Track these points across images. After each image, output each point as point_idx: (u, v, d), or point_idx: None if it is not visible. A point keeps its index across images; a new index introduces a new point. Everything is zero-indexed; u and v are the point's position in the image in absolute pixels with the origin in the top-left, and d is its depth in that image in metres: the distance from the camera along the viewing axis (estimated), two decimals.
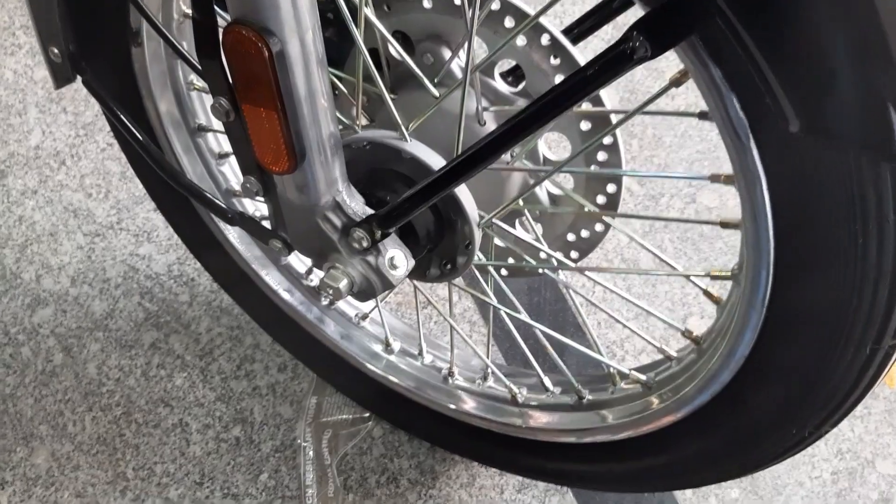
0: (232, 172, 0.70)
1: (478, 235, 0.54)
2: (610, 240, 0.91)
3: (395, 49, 0.51)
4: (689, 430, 0.57)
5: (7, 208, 0.96)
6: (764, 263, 0.43)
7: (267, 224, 0.55)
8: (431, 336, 0.78)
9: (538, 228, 0.61)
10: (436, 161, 0.50)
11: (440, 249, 0.55)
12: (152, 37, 0.58)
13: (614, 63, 0.35)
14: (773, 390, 0.49)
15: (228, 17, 0.40)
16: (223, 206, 0.57)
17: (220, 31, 0.42)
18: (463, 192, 0.52)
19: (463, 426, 0.74)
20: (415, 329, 0.75)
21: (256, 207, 0.72)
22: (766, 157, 0.38)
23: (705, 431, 0.56)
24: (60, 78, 0.59)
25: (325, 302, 0.75)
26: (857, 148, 0.36)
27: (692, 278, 0.55)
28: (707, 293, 0.54)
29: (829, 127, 0.35)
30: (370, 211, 0.49)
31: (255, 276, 0.76)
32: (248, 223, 0.56)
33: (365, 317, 0.78)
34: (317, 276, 0.75)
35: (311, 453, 0.83)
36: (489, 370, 0.72)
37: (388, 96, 0.50)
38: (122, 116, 0.57)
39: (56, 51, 0.57)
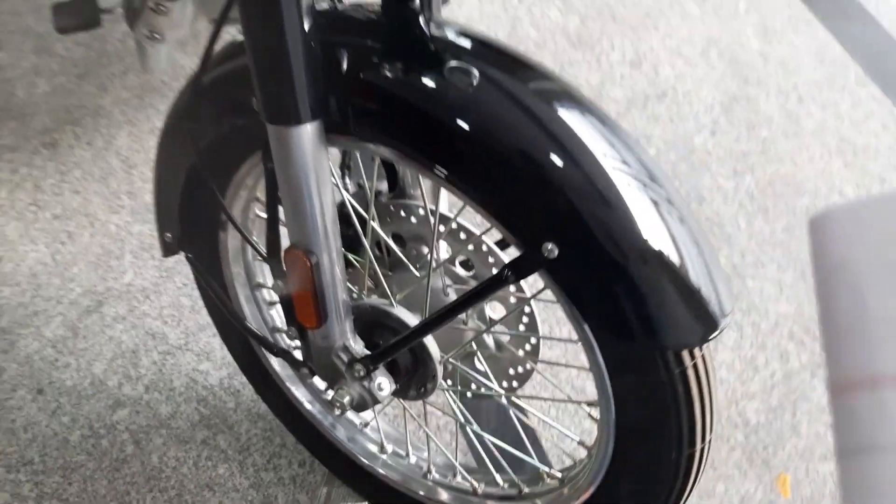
0: (277, 316, 0.96)
1: (440, 369, 0.78)
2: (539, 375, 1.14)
3: (392, 246, 0.77)
4: None
5: (101, 329, 1.22)
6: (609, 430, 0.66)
7: (299, 356, 0.79)
8: (417, 441, 1.00)
9: (489, 365, 0.85)
10: (413, 320, 0.75)
11: (416, 378, 0.79)
12: (231, 230, 0.86)
13: (495, 283, 0.60)
14: (630, 481, 0.71)
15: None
16: (271, 342, 0.82)
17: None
18: (430, 340, 0.76)
19: None
20: (404, 436, 0.98)
21: (292, 344, 0.97)
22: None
23: None
24: (168, 252, 0.86)
25: (336, 412, 0.98)
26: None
27: (584, 405, 0.78)
28: (591, 416, 0.77)
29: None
30: (367, 352, 0.73)
31: (286, 391, 1.00)
32: (286, 355, 0.81)
33: (366, 425, 1.00)
34: (330, 393, 0.99)
35: None
36: (456, 469, 0.93)
37: (383, 274, 0.76)
38: (208, 278, 0.84)
39: (169, 235, 0.85)
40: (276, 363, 0.98)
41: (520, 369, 0.83)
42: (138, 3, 0.99)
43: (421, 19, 0.60)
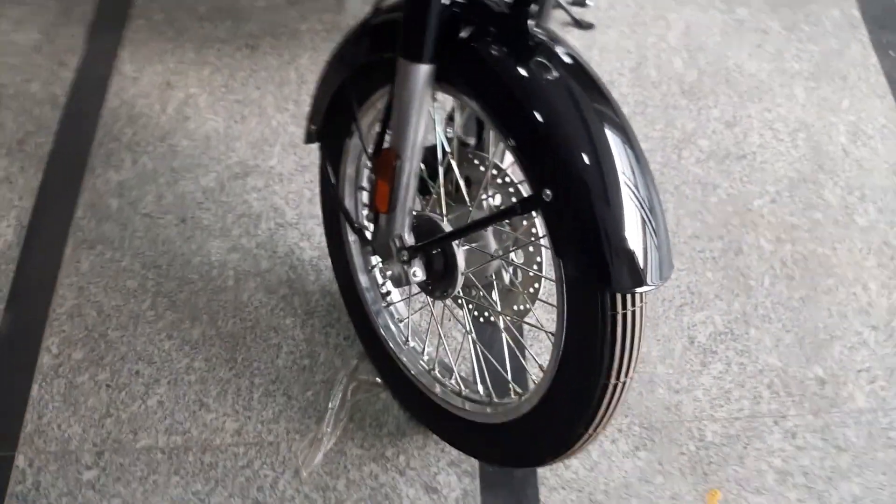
0: (364, 215, 1.24)
1: (460, 279, 1.03)
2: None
3: (460, 182, 1.03)
4: (526, 425, 1.01)
5: (241, 192, 1.56)
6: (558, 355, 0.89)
7: (369, 237, 1.07)
8: (431, 343, 1.26)
9: (501, 297, 1.08)
10: (447, 229, 1.00)
11: (442, 280, 1.04)
12: (356, 136, 1.15)
13: (508, 211, 0.85)
14: (565, 398, 0.93)
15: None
16: (354, 219, 1.11)
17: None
18: (459, 255, 1.01)
19: (428, 401, 1.20)
20: (425, 335, 1.24)
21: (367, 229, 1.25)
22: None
23: (536, 426, 1.00)
24: (309, 139, 1.17)
25: (381, 285, 1.24)
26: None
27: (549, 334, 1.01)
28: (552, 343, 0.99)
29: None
30: (412, 243, 0.99)
31: (354, 276, 1.28)
32: (361, 233, 1.08)
33: (401, 321, 1.27)
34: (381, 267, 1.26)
35: (340, 390, 1.31)
36: (454, 372, 1.18)
37: (447, 203, 1.02)
38: (328, 166, 1.13)
39: (314, 127, 1.15)
40: (354, 253, 1.27)
41: (521, 307, 1.07)
42: None
43: (530, 21, 0.85)
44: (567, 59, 0.83)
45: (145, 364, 1.35)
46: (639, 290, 0.78)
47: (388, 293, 1.26)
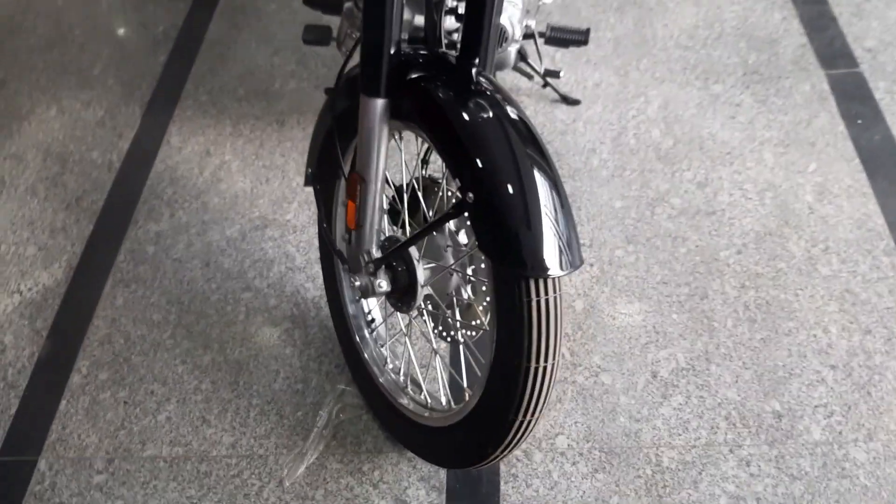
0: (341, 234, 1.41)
1: (420, 292, 1.17)
2: None
3: (426, 212, 1.19)
4: (471, 422, 1.11)
5: (259, 241, 1.76)
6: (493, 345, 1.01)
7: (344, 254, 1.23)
8: (405, 363, 1.38)
9: (461, 313, 1.21)
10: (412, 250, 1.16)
11: (405, 293, 1.18)
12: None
13: (445, 217, 1.00)
14: (500, 384, 1.03)
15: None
16: (336, 246, 1.28)
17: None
18: (420, 271, 1.16)
19: (400, 415, 1.31)
20: (401, 360, 1.36)
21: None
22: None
23: (478, 421, 1.10)
24: (307, 183, 1.36)
25: (368, 318, 1.38)
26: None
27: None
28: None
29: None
30: (378, 256, 1.15)
31: (344, 306, 1.43)
32: (340, 255, 1.25)
33: (383, 345, 1.40)
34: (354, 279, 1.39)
35: (327, 411, 1.44)
36: (422, 387, 1.30)
37: (412, 225, 1.18)
38: (321, 206, 1.32)
39: (310, 170, 1.35)
40: (345, 286, 1.43)
41: (476, 323, 1.20)
42: (343, 34, 1.57)
43: (474, 70, 1.03)
44: (501, 102, 1.00)
45: (160, 384, 1.51)
46: (550, 274, 0.91)
47: (373, 320, 1.40)
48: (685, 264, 1.55)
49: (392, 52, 1.00)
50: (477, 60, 1.01)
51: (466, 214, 0.95)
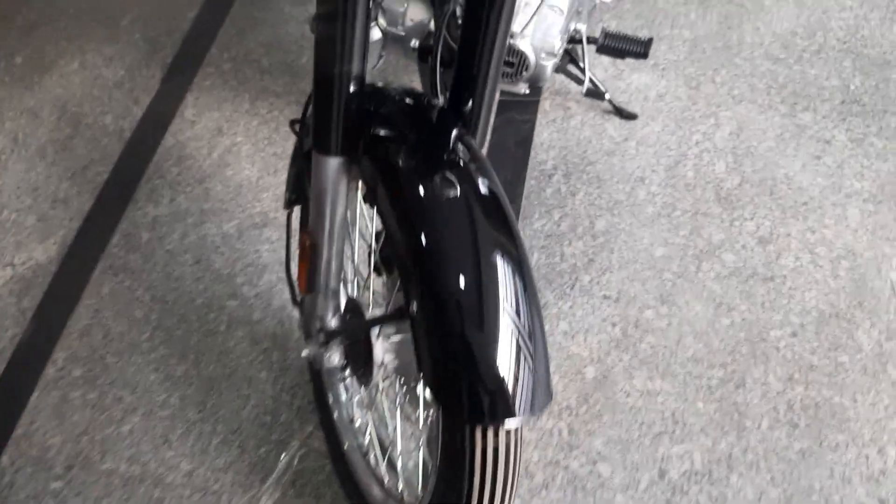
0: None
1: (377, 372, 1.00)
2: None
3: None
4: None
5: (255, 241, 1.62)
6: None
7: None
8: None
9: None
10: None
11: (363, 370, 1.02)
12: None
13: (392, 315, 0.82)
14: None
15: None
16: (295, 295, 1.12)
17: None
18: (378, 346, 0.99)
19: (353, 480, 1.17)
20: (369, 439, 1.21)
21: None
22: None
23: None
24: (286, 205, 1.20)
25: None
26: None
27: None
28: None
29: None
30: (332, 328, 0.99)
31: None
32: (297, 304, 1.09)
33: (351, 421, 1.24)
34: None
35: (290, 454, 1.32)
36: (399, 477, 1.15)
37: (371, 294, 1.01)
38: (291, 235, 1.16)
39: (287, 194, 1.18)
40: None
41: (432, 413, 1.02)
42: None
43: (454, 133, 0.83)
44: (478, 181, 0.77)
45: (129, 392, 1.42)
46: (500, 423, 0.73)
47: (346, 366, 1.25)
48: (725, 340, 1.32)
49: (353, 93, 0.80)
50: (462, 122, 0.81)
51: (410, 324, 0.77)
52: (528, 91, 1.43)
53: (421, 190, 0.77)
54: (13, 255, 1.65)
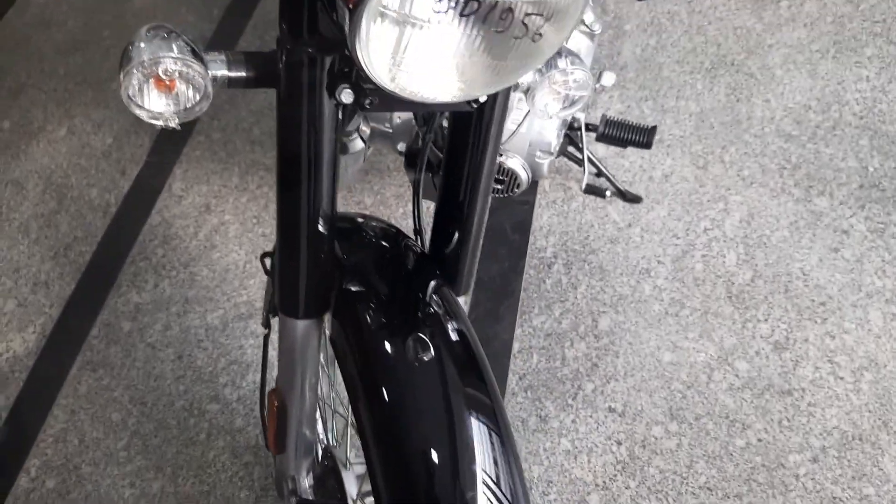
0: None
1: None
2: None
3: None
4: None
5: (240, 337, 1.47)
6: None
7: None
8: None
9: None
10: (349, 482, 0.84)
11: None
12: None
13: None
14: None
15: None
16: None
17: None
18: None
19: None
20: None
21: None
22: None
23: None
24: (263, 323, 1.06)
25: None
26: None
27: None
28: None
29: None
30: (306, 489, 0.85)
31: None
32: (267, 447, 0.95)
33: None
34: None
35: None
36: None
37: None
38: (266, 354, 1.01)
39: (265, 312, 1.04)
40: None
41: None
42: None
43: (432, 284, 0.69)
44: (454, 337, 0.66)
45: None
46: None
47: None
48: (741, 465, 1.16)
49: (323, 237, 0.66)
50: (442, 260, 0.69)
51: None
52: (527, 184, 1.29)
53: (391, 356, 0.65)
54: None
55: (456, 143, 0.67)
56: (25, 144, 1.88)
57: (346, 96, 0.55)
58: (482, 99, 0.60)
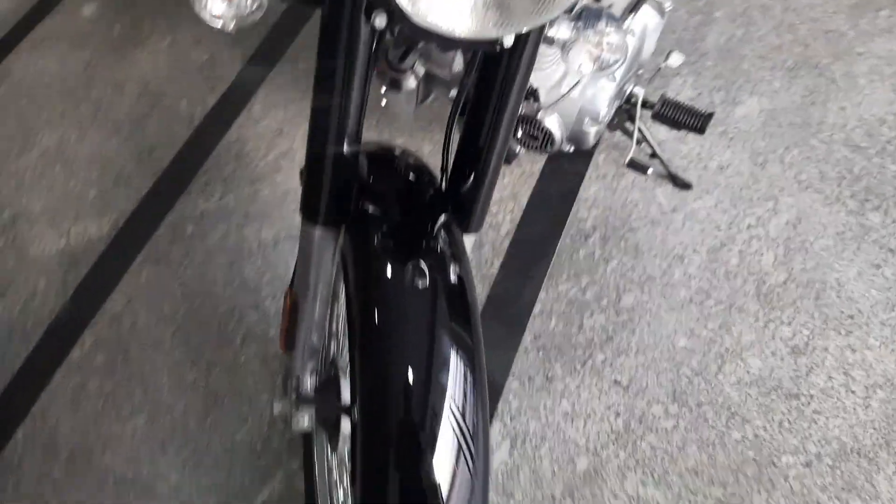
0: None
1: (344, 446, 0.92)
2: None
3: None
4: None
5: (284, 257, 1.58)
6: None
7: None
8: None
9: None
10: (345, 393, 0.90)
11: (333, 438, 0.94)
12: None
13: None
14: None
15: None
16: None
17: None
18: (346, 423, 0.91)
19: None
20: None
21: None
22: None
23: None
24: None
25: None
26: None
27: None
28: None
29: None
30: (304, 395, 0.92)
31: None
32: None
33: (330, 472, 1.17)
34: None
35: (268, 491, 1.28)
36: None
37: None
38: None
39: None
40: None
41: None
42: None
43: (442, 219, 0.73)
44: (451, 274, 0.69)
45: (141, 390, 1.40)
46: None
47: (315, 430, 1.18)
48: (731, 456, 1.17)
49: (347, 156, 0.71)
50: (459, 198, 0.73)
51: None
52: (571, 150, 1.30)
53: (389, 277, 0.70)
54: (70, 225, 1.66)
55: (482, 88, 0.70)
56: (131, 51, 2.00)
57: (381, 20, 0.59)
58: (507, 43, 0.62)
